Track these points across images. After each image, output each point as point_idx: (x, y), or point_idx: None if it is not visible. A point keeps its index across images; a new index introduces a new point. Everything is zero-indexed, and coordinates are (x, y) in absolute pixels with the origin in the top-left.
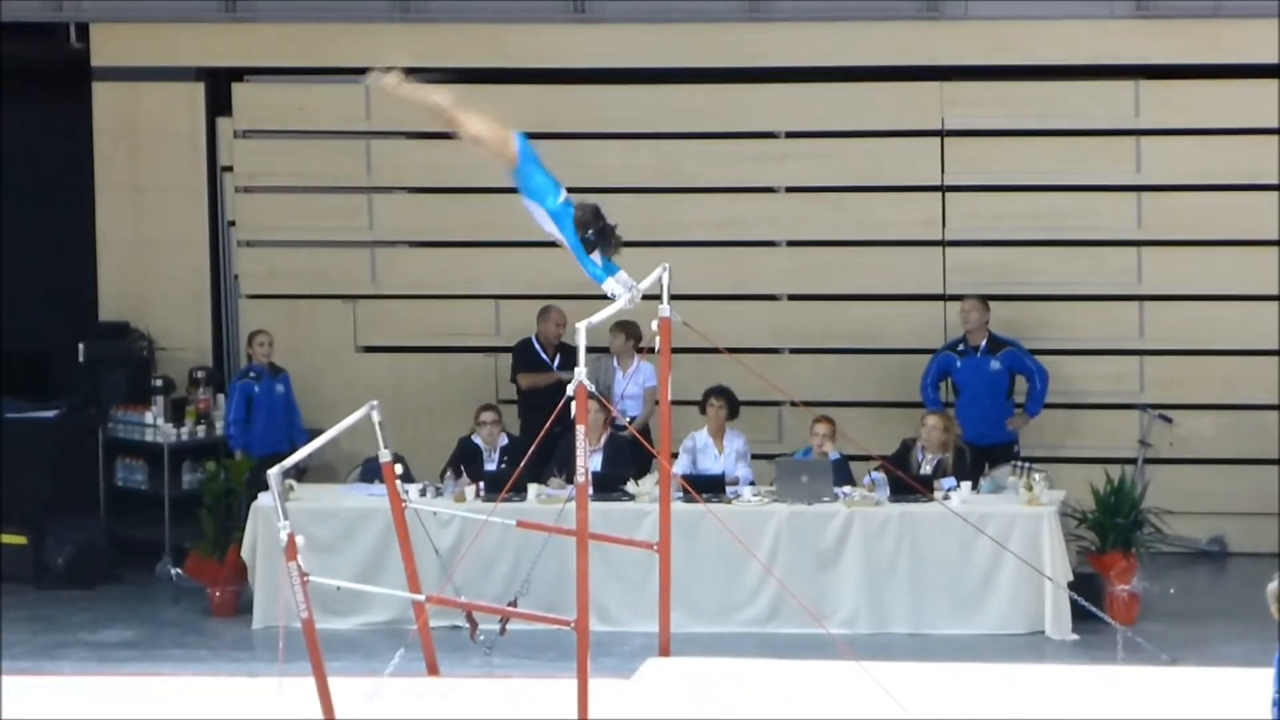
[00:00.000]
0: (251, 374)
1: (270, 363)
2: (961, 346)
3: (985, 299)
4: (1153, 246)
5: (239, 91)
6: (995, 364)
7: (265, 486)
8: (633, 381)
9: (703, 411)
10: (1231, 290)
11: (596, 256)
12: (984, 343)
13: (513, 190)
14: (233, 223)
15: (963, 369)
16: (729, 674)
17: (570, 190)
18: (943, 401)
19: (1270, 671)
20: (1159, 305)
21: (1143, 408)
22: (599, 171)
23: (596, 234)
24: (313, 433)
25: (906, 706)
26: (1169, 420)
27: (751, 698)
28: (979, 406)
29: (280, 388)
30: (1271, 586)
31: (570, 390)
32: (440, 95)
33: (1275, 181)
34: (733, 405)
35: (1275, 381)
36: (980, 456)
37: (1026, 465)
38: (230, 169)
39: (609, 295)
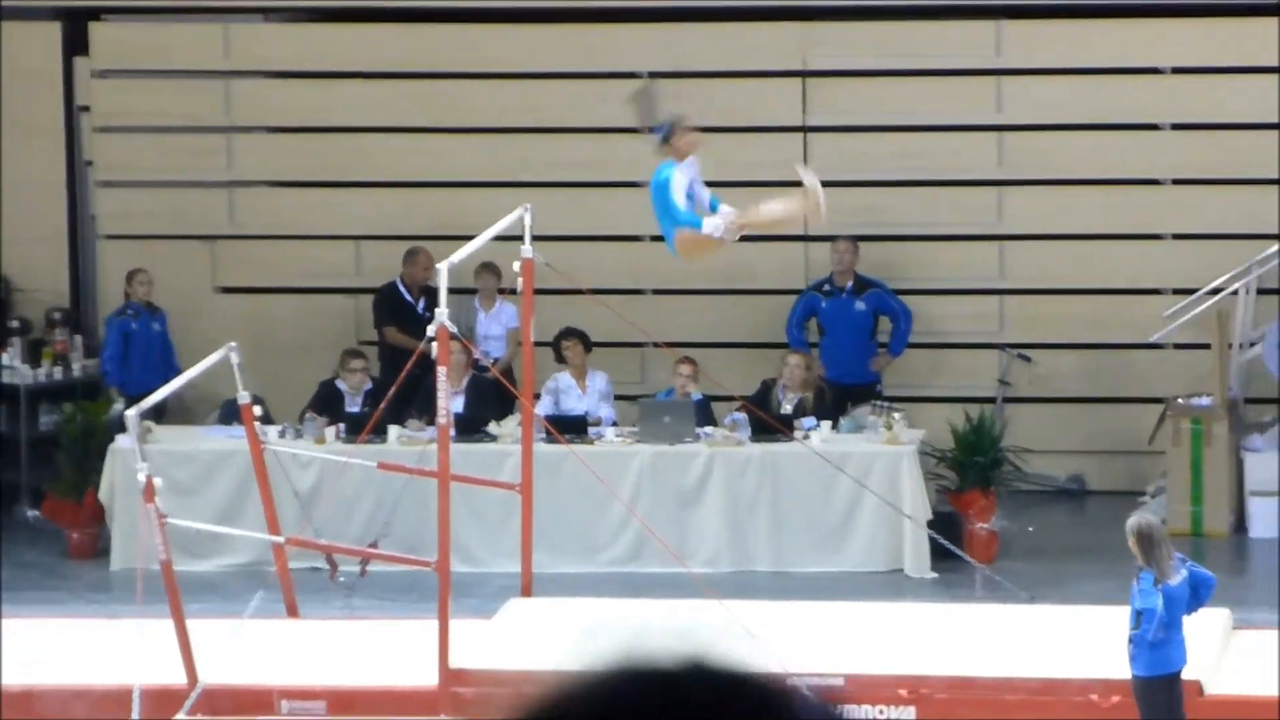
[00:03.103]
0: (129, 311)
1: (148, 301)
2: (828, 287)
3: (856, 240)
4: (1013, 186)
5: (96, 31)
6: (860, 305)
7: (123, 428)
8: (495, 322)
9: (558, 355)
10: (1092, 230)
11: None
12: (850, 284)
13: (374, 129)
14: (90, 163)
15: (828, 309)
16: (590, 614)
17: (432, 130)
18: (807, 341)
19: (1127, 608)
20: (1019, 245)
21: (1002, 347)
22: (464, 111)
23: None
24: (179, 369)
25: (767, 644)
26: (1028, 359)
27: (613, 637)
28: (843, 347)
29: (157, 326)
30: (1130, 522)
31: (431, 331)
32: (777, 206)
33: (1136, 121)
34: (586, 344)
35: (1135, 321)
36: (843, 396)
37: (886, 405)
38: (88, 109)
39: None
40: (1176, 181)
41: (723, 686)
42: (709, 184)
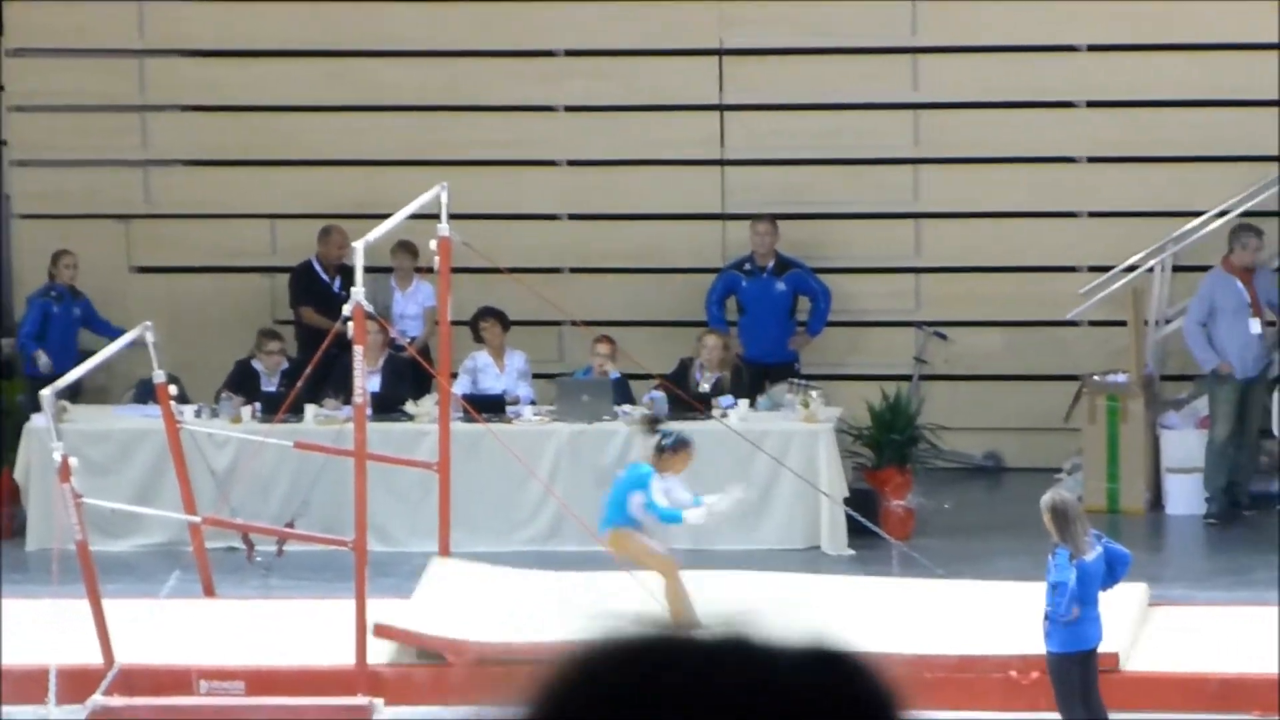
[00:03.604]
0: (53, 293)
1: (72, 285)
2: (748, 266)
3: (775, 219)
4: (929, 165)
5: (10, 10)
6: (781, 285)
7: (38, 408)
8: (412, 301)
9: (476, 335)
10: (1008, 208)
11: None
12: (771, 264)
13: (289, 108)
14: (4, 142)
15: (749, 288)
16: (508, 588)
17: (348, 109)
18: (726, 320)
19: (1043, 585)
20: (935, 223)
21: (919, 325)
22: (379, 89)
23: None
24: (86, 354)
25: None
26: (944, 337)
27: (531, 609)
28: (763, 326)
29: (77, 311)
30: (1045, 499)
31: (347, 311)
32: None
33: (1052, 99)
34: (504, 324)
35: (1051, 298)
36: (762, 375)
37: (803, 383)
38: (2, 88)
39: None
40: (1092, 159)
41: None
42: (621, 163)
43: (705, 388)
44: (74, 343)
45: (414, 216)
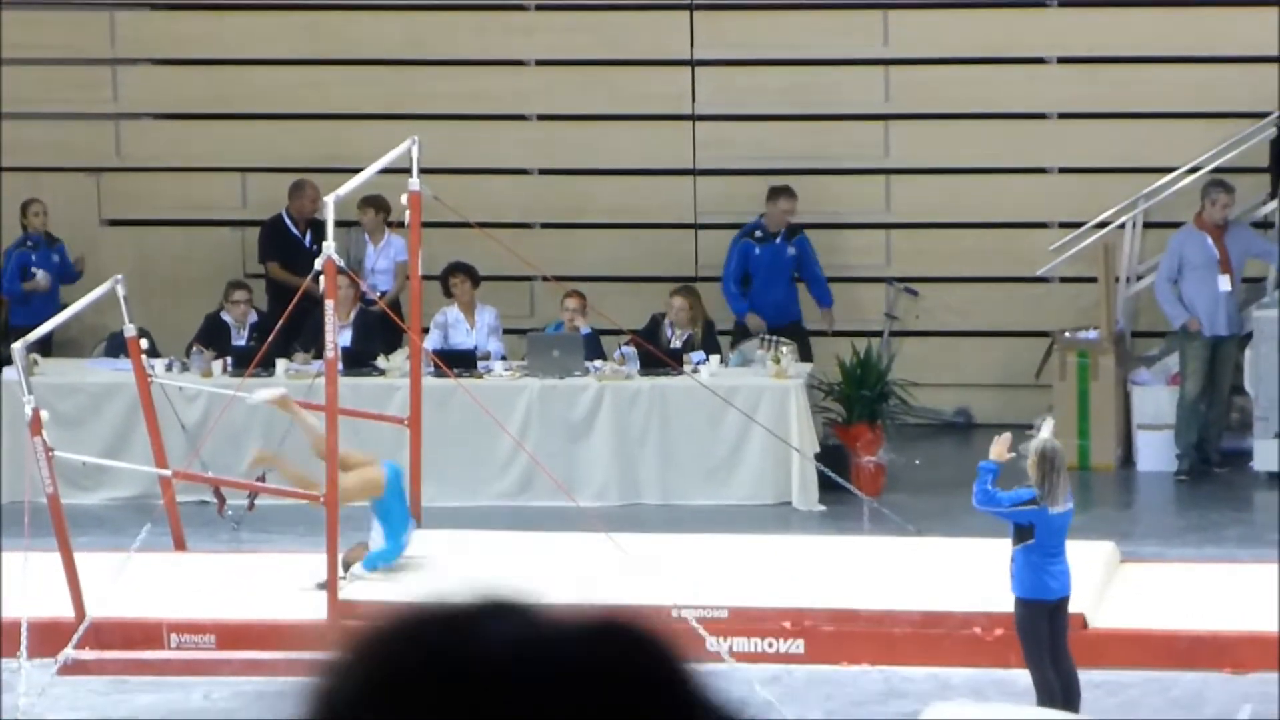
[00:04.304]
0: (29, 243)
1: (46, 232)
2: (759, 234)
3: (793, 192)
4: (900, 120)
5: None
6: (791, 250)
7: (8, 361)
8: (383, 256)
9: (446, 291)
10: (978, 164)
11: None
12: (783, 229)
13: (260, 61)
14: None
15: (761, 255)
16: (479, 546)
17: (319, 62)
18: (743, 297)
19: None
20: (906, 179)
21: (889, 281)
22: (348, 43)
23: None
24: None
25: (654, 576)
26: (915, 293)
27: (501, 569)
28: (770, 290)
29: (56, 257)
30: (1034, 442)
31: (319, 265)
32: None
33: (1022, 55)
34: (474, 279)
35: (1022, 254)
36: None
37: (774, 339)
38: None
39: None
40: (1063, 115)
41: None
42: (592, 118)
43: (677, 344)
44: (58, 288)
45: (384, 171)
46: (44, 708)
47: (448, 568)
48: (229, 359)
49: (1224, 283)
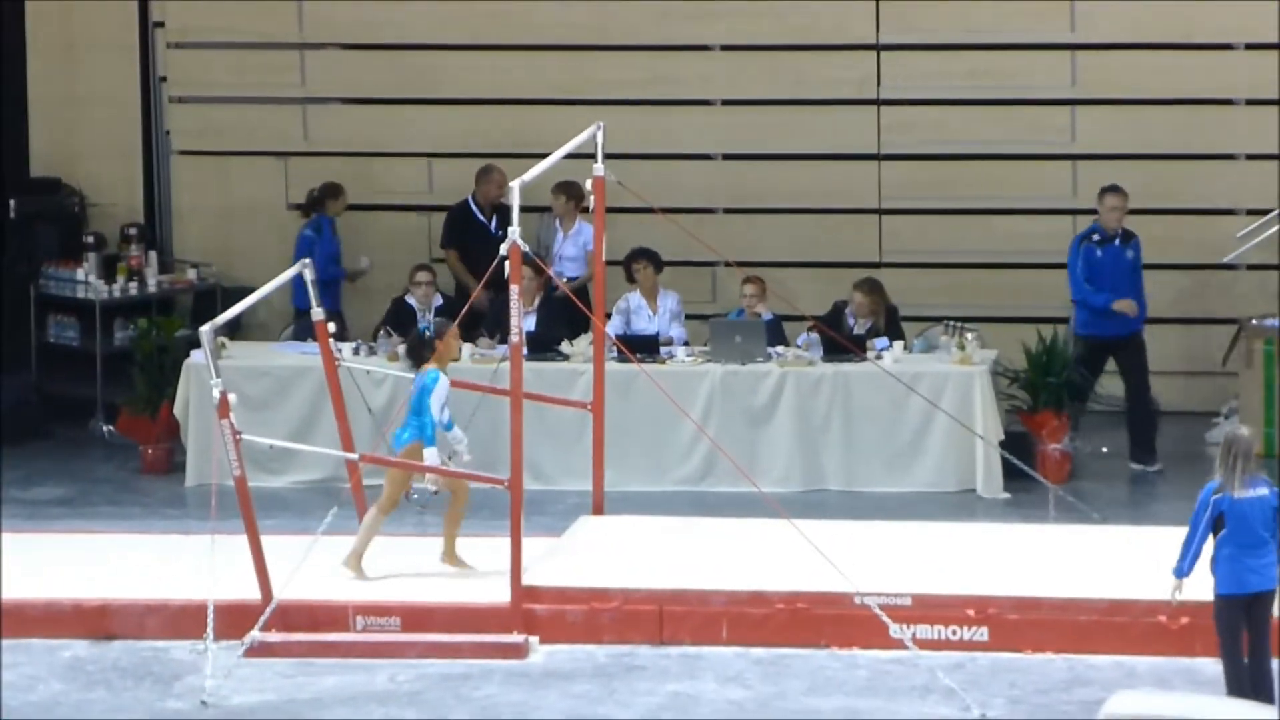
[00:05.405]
0: (310, 229)
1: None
2: (1097, 236)
3: (1119, 189)
4: (1087, 105)
5: None
6: (1130, 252)
7: (197, 344)
8: (572, 243)
9: (629, 276)
10: (1164, 150)
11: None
12: (1121, 231)
13: (445, 46)
14: (164, 78)
15: (1103, 258)
16: (661, 531)
17: (504, 47)
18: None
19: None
20: (1092, 164)
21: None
22: (533, 28)
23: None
24: (244, 290)
25: (837, 563)
26: None
27: (684, 554)
28: (1119, 295)
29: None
30: (1228, 430)
31: (504, 250)
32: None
33: (1210, 41)
34: (657, 265)
35: (1208, 241)
36: (1103, 351)
37: (958, 325)
38: (162, 25)
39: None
40: (1250, 102)
41: None
42: (776, 103)
43: (859, 331)
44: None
45: (569, 156)
46: (230, 690)
47: (629, 553)
48: None
49: None
